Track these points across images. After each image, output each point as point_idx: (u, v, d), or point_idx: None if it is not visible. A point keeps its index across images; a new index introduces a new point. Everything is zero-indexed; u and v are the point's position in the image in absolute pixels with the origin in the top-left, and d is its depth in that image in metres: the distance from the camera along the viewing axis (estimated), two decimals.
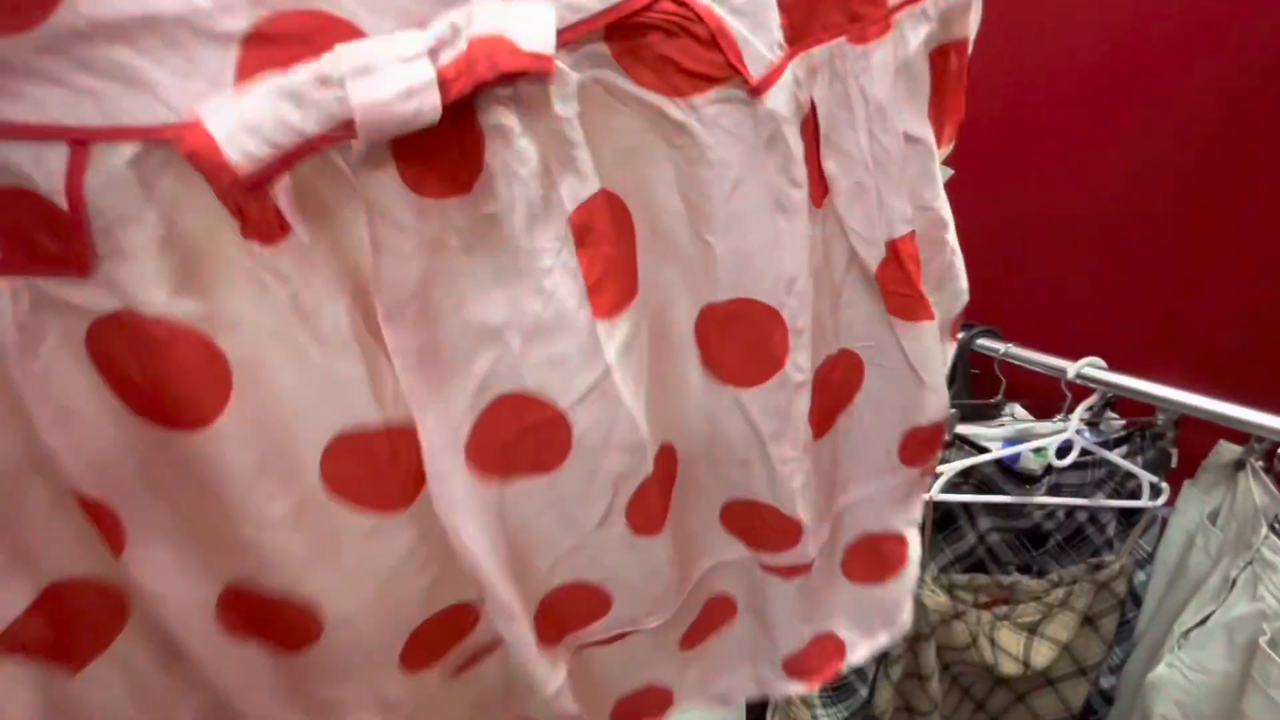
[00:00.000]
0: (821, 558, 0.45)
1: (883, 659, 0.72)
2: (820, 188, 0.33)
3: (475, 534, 0.31)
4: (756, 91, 0.28)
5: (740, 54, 0.27)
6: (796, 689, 0.51)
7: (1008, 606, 0.74)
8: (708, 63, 0.27)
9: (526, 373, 0.30)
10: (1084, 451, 0.66)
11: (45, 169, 0.21)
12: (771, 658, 0.50)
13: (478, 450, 0.31)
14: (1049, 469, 0.67)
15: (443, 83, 0.22)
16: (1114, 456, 0.67)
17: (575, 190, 0.28)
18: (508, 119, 0.25)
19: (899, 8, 0.30)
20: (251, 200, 0.23)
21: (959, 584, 0.72)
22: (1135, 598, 0.75)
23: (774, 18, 0.27)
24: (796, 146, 0.30)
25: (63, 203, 0.21)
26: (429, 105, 0.22)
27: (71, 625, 0.31)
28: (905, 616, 0.49)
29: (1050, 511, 0.70)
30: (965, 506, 0.70)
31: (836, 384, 0.39)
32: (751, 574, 0.44)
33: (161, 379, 0.25)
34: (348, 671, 0.35)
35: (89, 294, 0.23)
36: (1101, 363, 0.63)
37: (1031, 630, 0.75)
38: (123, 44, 0.20)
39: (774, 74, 0.28)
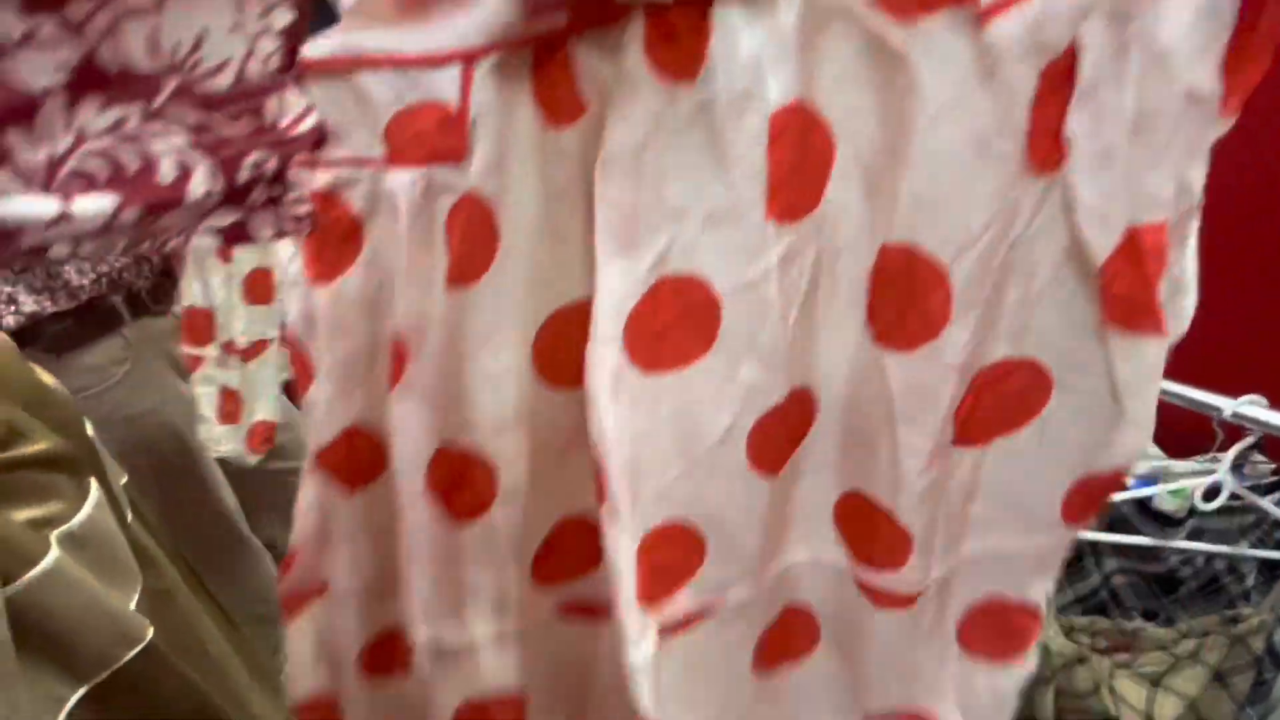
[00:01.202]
0: (933, 609, 0.39)
1: None
2: (1054, 152, 0.27)
3: (611, 417, 0.32)
4: (984, 16, 0.25)
5: None
6: None
7: (1129, 654, 0.69)
8: None
9: (697, 255, 0.32)
10: (1231, 495, 0.62)
11: (449, 83, 0.29)
12: (848, 713, 0.44)
13: (635, 329, 0.33)
14: (1192, 511, 0.63)
15: None
16: (1267, 503, 0.62)
17: (780, 93, 0.29)
18: (735, 16, 0.28)
19: None
20: (559, 88, 0.30)
21: (1079, 626, 0.68)
22: (1275, 657, 0.69)
23: None
24: (1023, 90, 0.27)
25: (456, 106, 0.29)
26: None
27: (352, 464, 0.39)
28: (1008, 716, 0.42)
29: (1188, 557, 0.66)
30: (1092, 544, 0.66)
31: (1009, 396, 0.33)
32: (844, 592, 0.40)
33: (466, 243, 0.32)
34: (493, 556, 0.39)
35: (457, 177, 0.31)
36: (1263, 400, 0.58)
37: (1155, 682, 0.70)
38: None
39: (1009, 2, 0.25)
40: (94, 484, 0.40)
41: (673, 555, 0.37)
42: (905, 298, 0.31)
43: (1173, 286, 0.30)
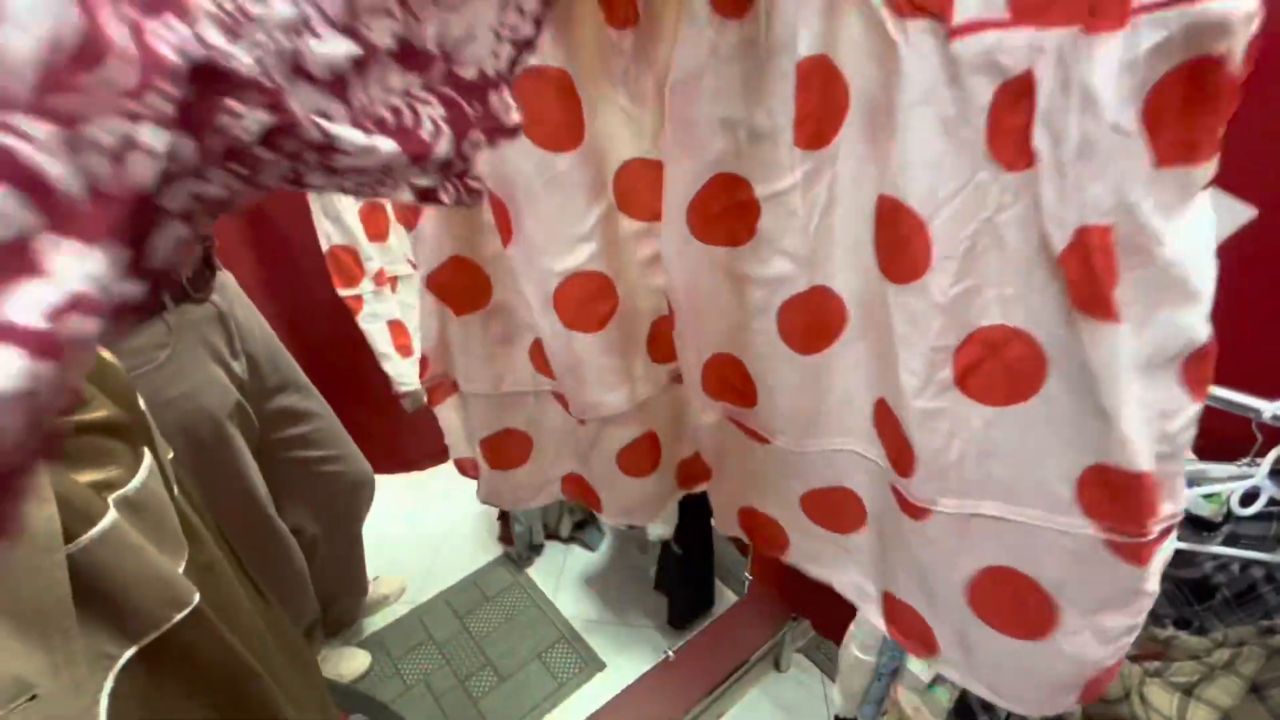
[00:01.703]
0: (946, 542, 0.45)
1: None
2: (1022, 156, 0.35)
3: (678, 271, 0.44)
4: (953, 34, 0.33)
5: (951, 2, 0.33)
6: (880, 624, 0.56)
7: (1160, 662, 0.68)
8: (930, 0, 0.33)
9: (743, 162, 0.41)
10: (1270, 501, 0.60)
11: None
12: (876, 581, 0.55)
13: (696, 211, 0.42)
14: (1228, 516, 0.62)
15: None
16: None
17: (808, 45, 0.36)
18: None
19: (1141, 10, 0.30)
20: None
21: None
22: None
23: None
24: (980, 96, 0.34)
25: None
26: None
27: (458, 289, 0.51)
28: (1041, 707, 0.47)
29: (1224, 563, 0.64)
30: None
31: (1011, 363, 0.39)
32: (883, 489, 0.49)
33: (545, 111, 0.39)
34: (625, 347, 0.52)
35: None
36: None
37: (1187, 692, 0.68)
38: None
39: (976, 27, 0.33)
40: (147, 453, 0.42)
41: (737, 379, 0.49)
42: (898, 241, 0.38)
43: (1148, 296, 0.34)
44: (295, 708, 0.56)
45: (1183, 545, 0.61)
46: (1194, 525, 0.62)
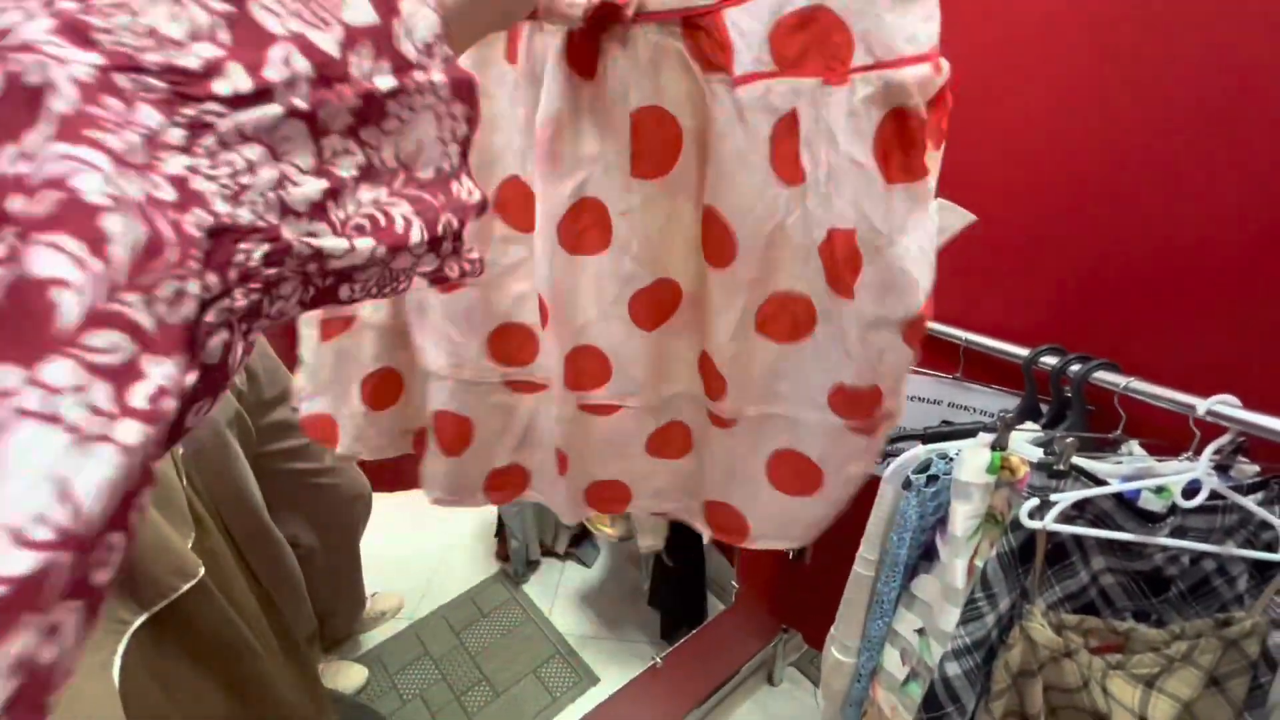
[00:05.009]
0: (748, 439, 0.60)
1: (984, 693, 0.70)
2: (799, 174, 0.46)
3: (546, 276, 0.53)
4: (736, 83, 0.45)
5: (732, 60, 0.44)
6: (705, 532, 0.68)
7: (1122, 655, 0.70)
8: (720, 59, 0.45)
9: (596, 188, 0.50)
10: (1213, 495, 0.64)
11: None
12: (698, 496, 0.67)
13: (564, 228, 0.52)
14: (1173, 509, 0.65)
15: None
16: (1249, 503, 0.64)
17: (638, 100, 0.48)
18: (615, 46, 0.46)
19: (855, 70, 0.42)
20: (512, 39, 0.47)
21: (1068, 624, 0.69)
22: (1270, 661, 0.70)
23: (765, 47, 0.44)
24: (761, 130, 0.46)
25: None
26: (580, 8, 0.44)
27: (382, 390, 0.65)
28: (806, 537, 0.63)
29: (1173, 555, 0.67)
30: (1079, 542, 0.68)
31: (795, 315, 0.53)
32: (701, 416, 0.62)
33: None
34: (466, 328, 0.60)
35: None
36: (1235, 400, 0.61)
37: (1149, 683, 0.70)
38: None
39: (750, 78, 0.45)
40: None
41: (592, 365, 0.58)
42: (717, 239, 0.52)
43: (883, 281, 0.46)
44: (293, 694, 0.59)
45: (1129, 537, 0.65)
46: (1141, 518, 0.65)
